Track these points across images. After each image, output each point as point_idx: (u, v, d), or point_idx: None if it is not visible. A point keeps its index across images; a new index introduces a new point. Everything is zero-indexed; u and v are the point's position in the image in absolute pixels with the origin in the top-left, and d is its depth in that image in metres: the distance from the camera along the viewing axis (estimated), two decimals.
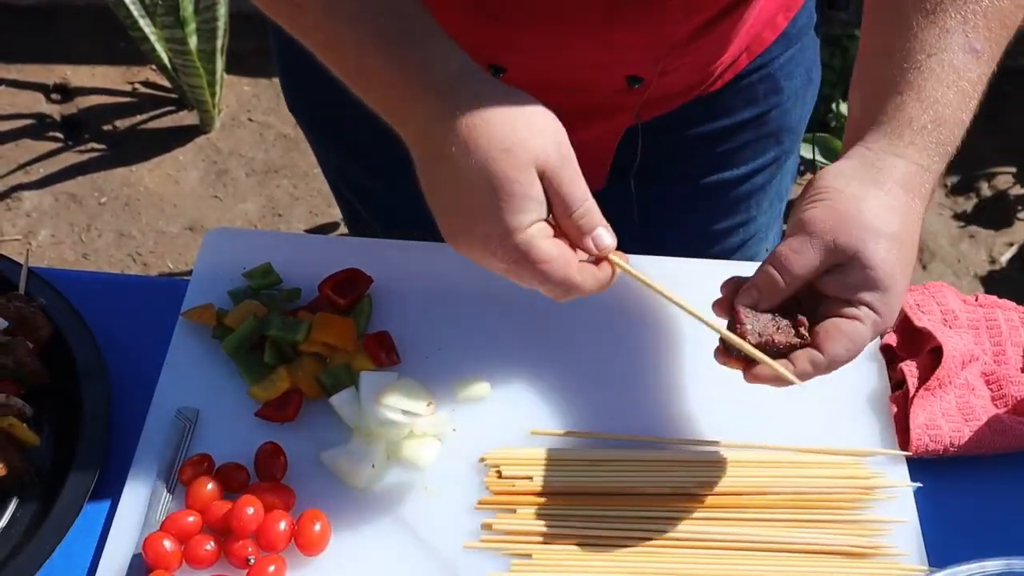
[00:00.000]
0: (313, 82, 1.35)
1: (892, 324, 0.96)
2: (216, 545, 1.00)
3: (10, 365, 1.09)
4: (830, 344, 0.93)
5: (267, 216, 2.90)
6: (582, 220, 0.94)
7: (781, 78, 1.34)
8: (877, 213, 0.93)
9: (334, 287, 1.17)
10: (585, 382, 1.15)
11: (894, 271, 0.93)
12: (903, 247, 0.94)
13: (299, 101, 1.42)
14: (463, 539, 1.03)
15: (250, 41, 3.08)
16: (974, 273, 2.84)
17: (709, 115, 1.33)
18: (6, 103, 3.10)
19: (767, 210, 1.47)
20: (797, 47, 1.33)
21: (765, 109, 1.35)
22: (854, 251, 0.92)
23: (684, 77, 1.24)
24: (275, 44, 1.39)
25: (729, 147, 1.36)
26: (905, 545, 1.04)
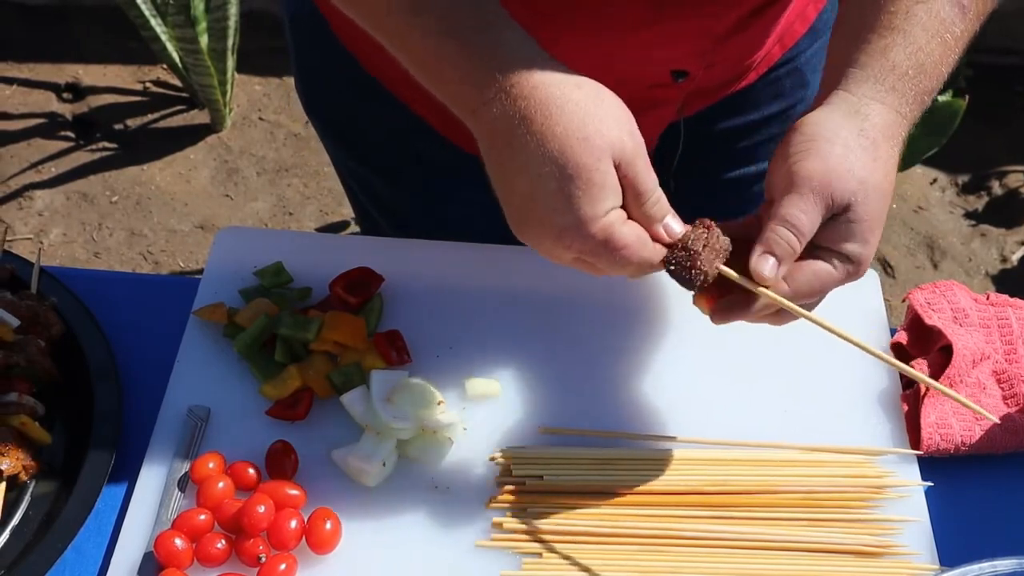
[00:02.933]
0: (330, 85, 1.35)
1: (862, 274, 0.97)
2: (227, 543, 1.01)
3: (22, 363, 1.09)
4: (799, 277, 0.94)
5: (278, 215, 2.90)
6: (654, 209, 0.94)
7: (807, 72, 1.34)
8: (865, 165, 0.94)
9: (345, 286, 1.18)
10: (595, 381, 1.15)
11: (876, 224, 0.94)
12: (884, 198, 0.95)
13: (315, 104, 1.42)
14: (474, 538, 1.03)
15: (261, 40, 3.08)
16: (985, 271, 2.83)
17: (740, 109, 1.33)
18: (18, 102, 3.11)
19: None
20: (822, 41, 1.33)
21: (791, 103, 1.34)
22: (847, 204, 0.93)
23: (726, 70, 1.25)
24: (292, 45, 1.39)
25: (755, 141, 1.36)
26: (916, 544, 1.04)
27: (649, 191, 0.93)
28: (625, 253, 0.92)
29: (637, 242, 0.92)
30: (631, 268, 0.94)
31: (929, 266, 2.85)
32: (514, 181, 0.92)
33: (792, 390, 1.14)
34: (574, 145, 0.90)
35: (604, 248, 0.91)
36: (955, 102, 2.61)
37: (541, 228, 0.92)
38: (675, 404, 1.13)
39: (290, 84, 3.17)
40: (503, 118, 0.92)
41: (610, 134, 0.91)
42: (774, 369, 1.16)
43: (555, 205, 0.90)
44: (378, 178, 1.42)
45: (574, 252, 0.92)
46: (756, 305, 0.95)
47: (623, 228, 0.92)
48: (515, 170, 0.92)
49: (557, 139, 0.90)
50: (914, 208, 2.95)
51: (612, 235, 0.91)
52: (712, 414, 1.12)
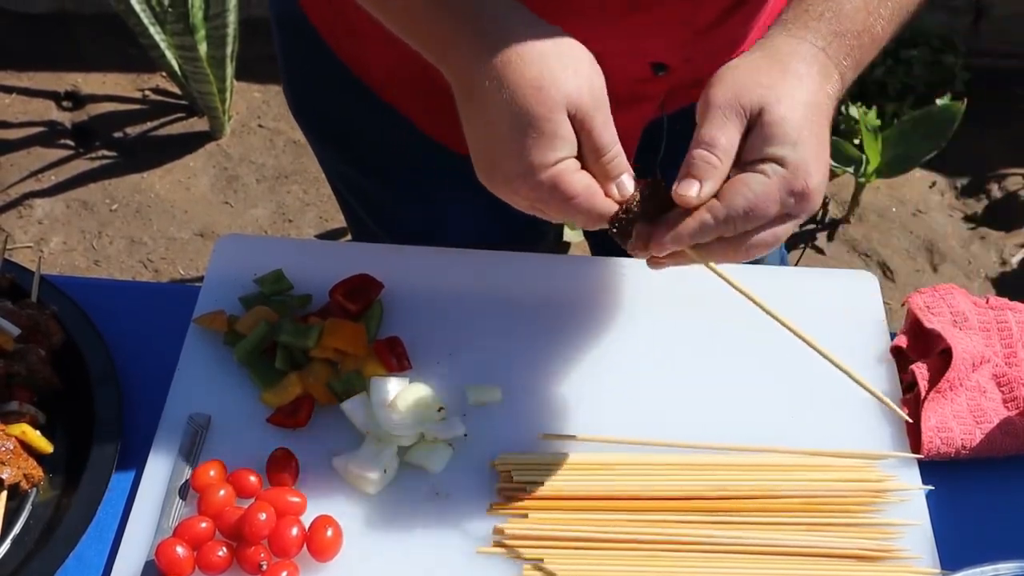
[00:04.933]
0: (317, 86, 1.35)
1: (805, 186, 0.93)
2: (228, 551, 1.01)
3: (23, 372, 1.09)
4: (730, 191, 0.92)
5: (278, 222, 2.90)
6: (610, 165, 0.95)
7: None
8: (771, 76, 0.94)
9: (345, 293, 1.18)
10: (596, 387, 1.15)
11: (800, 127, 0.93)
12: (805, 106, 0.94)
13: (303, 105, 1.42)
14: (475, 544, 1.03)
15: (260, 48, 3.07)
16: (985, 275, 2.83)
17: None
18: (17, 111, 3.11)
19: None
20: None
21: None
22: (759, 107, 0.93)
23: (706, 65, 1.23)
24: (279, 46, 1.39)
25: None
26: (917, 548, 1.04)
27: (605, 146, 0.95)
28: (574, 202, 0.93)
29: (586, 192, 0.94)
30: (580, 218, 0.95)
31: (928, 269, 2.85)
32: (475, 125, 0.95)
33: (793, 394, 1.14)
34: (528, 94, 0.92)
35: (552, 196, 0.93)
36: (954, 105, 2.61)
37: (494, 172, 0.95)
38: (675, 409, 1.13)
39: None
40: (468, 63, 0.95)
41: (567, 85, 0.93)
42: (775, 373, 1.16)
43: (507, 151, 0.93)
44: (368, 180, 1.42)
45: (524, 198, 0.95)
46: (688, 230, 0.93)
47: (573, 177, 0.93)
48: (475, 115, 0.95)
49: (513, 86, 0.92)
50: (913, 211, 2.96)
51: (560, 183, 0.93)
52: (713, 419, 1.12)
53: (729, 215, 0.92)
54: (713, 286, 1.22)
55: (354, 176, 1.44)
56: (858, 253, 2.87)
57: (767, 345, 1.17)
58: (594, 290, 1.22)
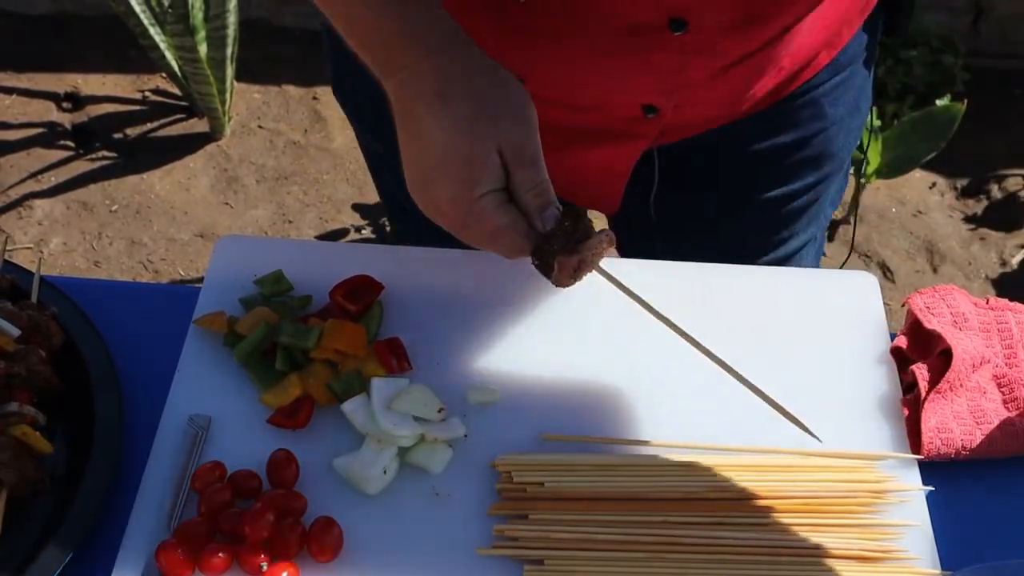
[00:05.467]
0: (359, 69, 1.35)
1: None
2: (229, 553, 1.00)
3: (23, 373, 1.09)
4: None
5: (278, 223, 2.91)
6: (533, 202, 0.99)
7: (826, 104, 1.31)
8: None
9: (345, 293, 1.18)
10: (596, 387, 1.15)
11: None
12: None
13: (342, 83, 1.43)
14: (475, 545, 1.03)
15: (260, 49, 3.09)
16: (985, 275, 2.83)
17: (742, 138, 1.30)
18: (17, 112, 3.11)
19: (800, 233, 1.43)
20: (846, 74, 1.30)
21: (807, 134, 1.32)
22: None
23: (704, 112, 1.23)
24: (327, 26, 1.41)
25: (763, 168, 1.33)
26: (917, 549, 1.04)
27: (528, 182, 0.99)
28: (494, 235, 0.99)
29: (508, 227, 0.99)
30: (501, 249, 1.01)
31: (928, 270, 2.85)
32: (409, 146, 1.00)
33: (792, 395, 1.14)
34: (461, 127, 0.96)
35: (474, 227, 0.99)
36: (954, 106, 2.62)
37: (422, 195, 1.00)
38: (676, 410, 1.13)
39: (289, 92, 3.17)
40: (407, 88, 0.99)
41: (500, 121, 0.97)
42: (774, 374, 1.16)
43: (433, 177, 0.98)
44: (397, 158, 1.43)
45: (449, 223, 1.00)
46: None
47: (497, 210, 0.98)
48: (409, 137, 0.99)
49: (447, 117, 0.96)
50: (913, 212, 2.96)
51: (483, 217, 0.98)
52: (713, 419, 1.12)
53: None
54: (713, 287, 1.22)
55: (383, 152, 1.44)
56: (858, 254, 2.87)
57: (767, 346, 1.18)
58: (593, 290, 1.22)
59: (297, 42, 3.21)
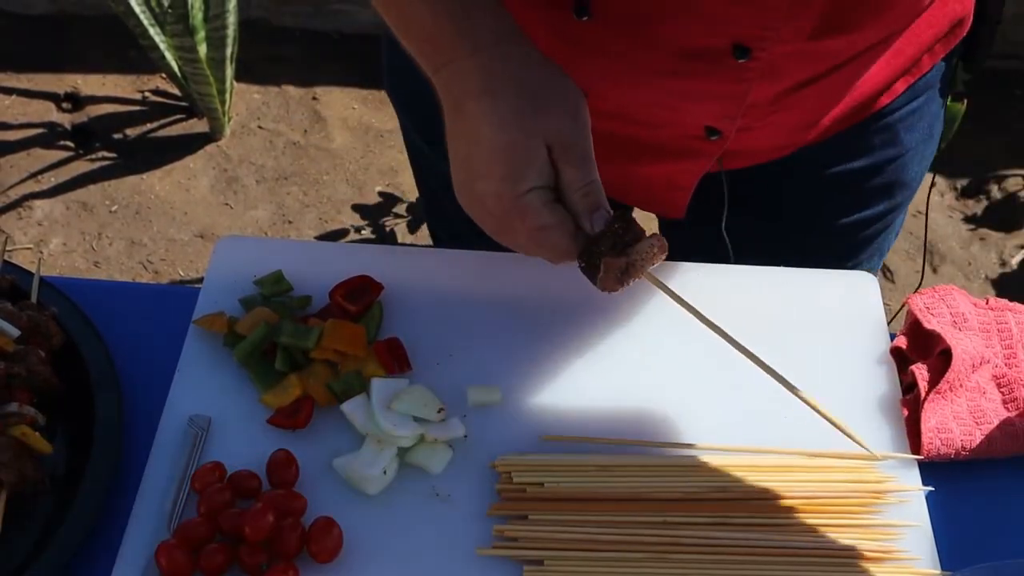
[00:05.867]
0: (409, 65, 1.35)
1: None
2: (229, 553, 1.00)
3: (23, 374, 1.09)
4: None
5: (277, 223, 2.91)
6: (583, 201, 0.96)
7: (901, 131, 1.28)
8: None
9: (345, 294, 1.18)
10: (596, 388, 1.15)
11: None
12: None
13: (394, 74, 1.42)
14: (475, 545, 1.03)
15: (260, 49, 3.09)
16: (984, 275, 2.83)
17: (813, 160, 1.27)
18: (17, 112, 3.11)
19: (865, 262, 1.40)
20: (922, 99, 1.28)
21: (881, 160, 1.29)
22: None
23: (769, 137, 1.21)
24: None
25: (835, 194, 1.30)
26: (917, 549, 1.04)
27: (578, 180, 0.96)
28: (540, 234, 0.96)
29: (556, 226, 0.95)
30: (545, 251, 0.97)
31: (928, 270, 2.85)
32: (457, 142, 0.98)
33: (792, 395, 1.14)
34: (511, 121, 0.94)
35: (520, 224, 0.95)
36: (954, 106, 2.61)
37: (468, 192, 0.98)
38: (676, 410, 1.13)
39: (288, 93, 3.17)
40: (456, 83, 0.97)
41: (549, 117, 0.95)
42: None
43: (482, 172, 0.95)
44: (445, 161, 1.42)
45: (492, 222, 0.97)
46: None
47: (543, 209, 0.95)
48: (457, 133, 0.97)
49: (497, 112, 0.94)
50: (913, 212, 2.95)
51: (529, 213, 0.95)
52: (713, 420, 1.13)
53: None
54: (713, 287, 1.22)
55: (427, 149, 1.43)
56: None
57: (768, 346, 1.17)
58: (594, 291, 1.22)
59: (297, 42, 3.21)
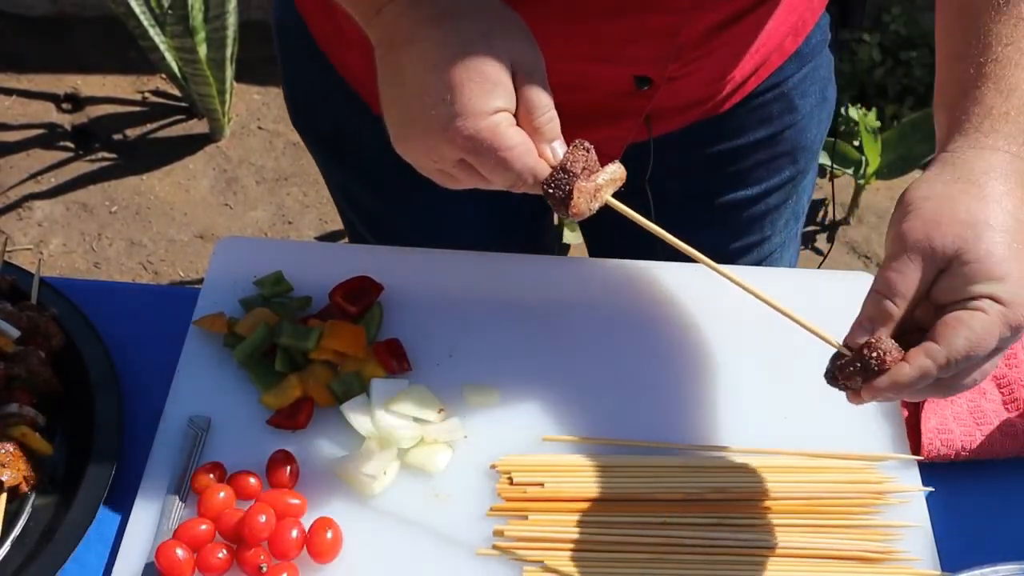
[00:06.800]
0: (316, 95, 1.35)
1: (1022, 319, 0.87)
2: (228, 553, 1.01)
3: (23, 374, 1.09)
4: (948, 333, 0.87)
5: (277, 224, 2.90)
6: (547, 126, 0.94)
7: (795, 97, 1.31)
8: (969, 207, 0.88)
9: (344, 295, 1.18)
10: (596, 388, 1.15)
11: (1006, 258, 0.87)
12: (1013, 236, 0.88)
13: (302, 114, 1.42)
14: (475, 546, 1.03)
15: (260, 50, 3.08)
16: None
17: (720, 135, 1.31)
18: (17, 113, 3.11)
19: (782, 230, 1.44)
20: (811, 66, 1.32)
21: (779, 129, 1.32)
22: (954, 250, 0.87)
23: (693, 88, 1.23)
24: (279, 53, 1.39)
25: (742, 166, 1.34)
26: (917, 550, 1.04)
27: (543, 106, 0.94)
28: (508, 155, 0.91)
29: (522, 146, 0.92)
30: (511, 174, 0.93)
31: None
32: (407, 75, 0.93)
33: (792, 396, 1.14)
34: (476, 42, 0.91)
35: (488, 145, 0.91)
36: None
37: (427, 122, 0.92)
38: (675, 411, 1.13)
39: None
40: (407, 17, 0.93)
41: (512, 41, 0.92)
42: (774, 375, 1.16)
43: (445, 95, 0.90)
44: (364, 190, 1.41)
45: (458, 147, 0.92)
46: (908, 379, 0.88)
47: (509, 129, 0.92)
48: (411, 64, 0.92)
49: (460, 35, 0.91)
50: None
51: (498, 133, 0.91)
52: (713, 421, 1.13)
53: (950, 358, 0.87)
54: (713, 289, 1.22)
55: (350, 185, 1.43)
56: (858, 255, 2.87)
57: (767, 347, 1.17)
58: (593, 292, 1.22)
59: None
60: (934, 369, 0.87)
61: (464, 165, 0.94)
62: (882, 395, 0.90)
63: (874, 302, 0.91)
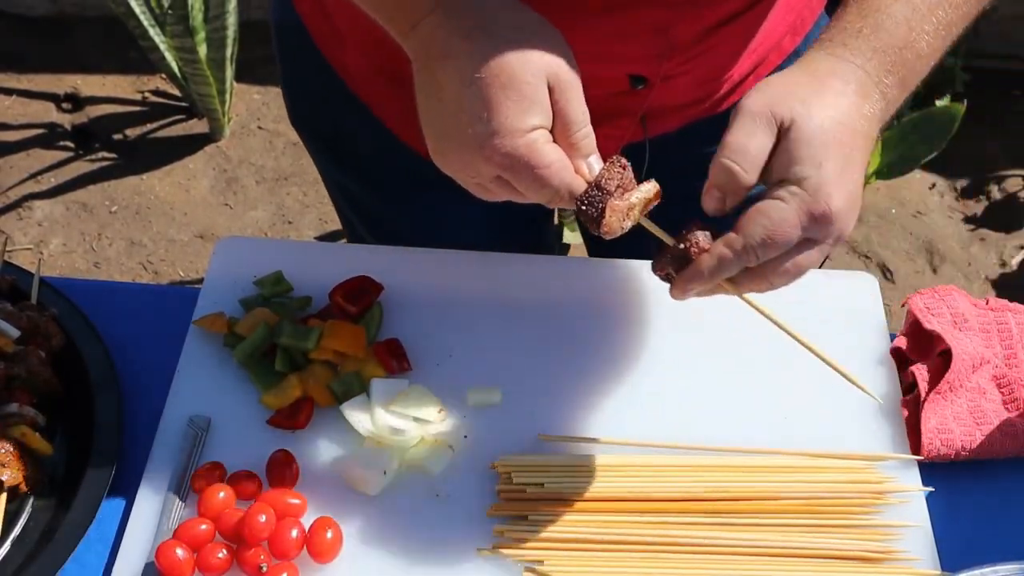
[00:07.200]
0: (315, 96, 1.35)
1: (826, 209, 0.90)
2: (229, 553, 1.01)
3: (23, 374, 1.09)
4: (747, 222, 0.91)
5: (277, 224, 2.90)
6: (583, 142, 0.95)
7: None
8: (808, 94, 0.93)
9: (344, 294, 1.18)
10: (595, 388, 1.15)
11: (827, 146, 0.91)
12: (840, 129, 0.92)
13: (300, 113, 1.42)
14: (475, 545, 1.03)
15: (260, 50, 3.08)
16: (984, 276, 2.83)
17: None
18: (17, 113, 3.11)
19: None
20: None
21: None
22: (790, 120, 0.91)
23: (688, 88, 1.22)
24: (278, 53, 1.39)
25: None
26: (917, 550, 1.04)
27: (579, 122, 0.94)
28: (545, 172, 0.92)
29: (559, 163, 0.92)
30: (548, 191, 0.93)
31: (928, 271, 2.85)
32: (444, 91, 0.93)
33: (792, 396, 1.14)
34: (512, 58, 0.91)
35: (525, 163, 0.91)
36: (954, 107, 2.61)
37: (464, 138, 0.92)
38: (675, 411, 1.14)
39: None
40: (443, 30, 0.93)
41: (548, 56, 0.92)
42: (774, 375, 1.16)
43: (482, 113, 0.91)
44: (362, 190, 1.41)
45: (495, 165, 0.92)
46: (707, 267, 0.92)
47: (546, 147, 0.92)
48: (447, 79, 0.92)
49: (496, 50, 0.91)
50: (913, 213, 2.96)
51: (535, 151, 0.91)
52: (712, 421, 1.13)
53: (747, 245, 0.90)
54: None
55: (349, 185, 1.43)
56: (858, 254, 2.87)
57: (768, 347, 1.17)
58: (593, 292, 1.22)
59: None
60: (731, 256, 0.91)
61: (501, 181, 0.94)
62: (689, 285, 0.93)
63: (721, 168, 0.93)
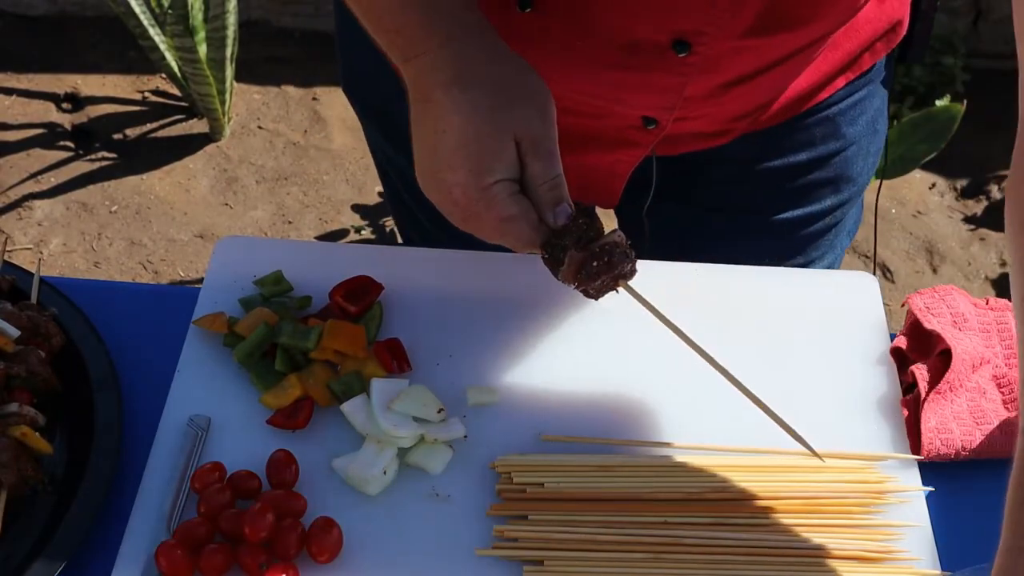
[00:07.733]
0: (367, 68, 1.35)
1: None
2: (229, 553, 1.00)
3: (23, 374, 1.09)
4: None
5: (277, 223, 2.90)
6: (548, 194, 0.99)
7: (842, 124, 1.28)
8: None
9: (345, 294, 1.18)
10: (596, 388, 1.15)
11: None
12: None
13: (354, 84, 1.43)
14: (475, 546, 1.03)
15: (260, 49, 3.09)
16: (984, 276, 2.83)
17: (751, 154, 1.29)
18: (17, 113, 3.11)
19: (816, 261, 1.40)
20: (863, 93, 1.28)
21: (823, 154, 1.29)
22: None
23: (704, 126, 1.23)
24: (337, 21, 1.40)
25: (776, 188, 1.31)
26: (917, 549, 1.04)
27: (543, 175, 0.99)
28: (504, 225, 0.98)
29: (519, 217, 0.98)
30: (509, 240, 1.00)
31: (928, 270, 2.85)
32: (422, 132, 0.99)
33: (792, 395, 1.14)
34: (480, 114, 0.96)
35: (484, 216, 0.98)
36: (953, 107, 2.62)
37: (434, 182, 1.00)
38: (676, 410, 1.14)
39: (288, 93, 3.17)
40: (426, 74, 0.99)
41: (518, 111, 0.97)
42: (774, 375, 1.16)
43: (450, 163, 0.97)
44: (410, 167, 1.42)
45: (458, 212, 0.99)
46: None
47: (508, 200, 0.98)
48: (424, 122, 0.99)
49: (463, 103, 0.96)
50: (913, 213, 2.96)
51: (495, 204, 0.97)
52: (713, 420, 1.12)
53: None
54: (712, 287, 1.22)
55: (397, 160, 1.44)
56: (858, 254, 2.87)
57: (767, 346, 1.18)
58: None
59: (297, 43, 3.20)
60: None
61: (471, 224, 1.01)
62: None
63: None
